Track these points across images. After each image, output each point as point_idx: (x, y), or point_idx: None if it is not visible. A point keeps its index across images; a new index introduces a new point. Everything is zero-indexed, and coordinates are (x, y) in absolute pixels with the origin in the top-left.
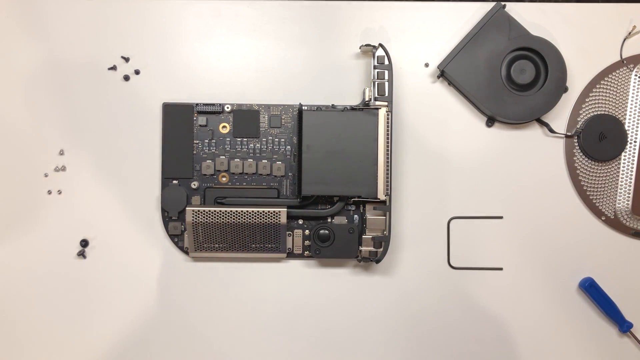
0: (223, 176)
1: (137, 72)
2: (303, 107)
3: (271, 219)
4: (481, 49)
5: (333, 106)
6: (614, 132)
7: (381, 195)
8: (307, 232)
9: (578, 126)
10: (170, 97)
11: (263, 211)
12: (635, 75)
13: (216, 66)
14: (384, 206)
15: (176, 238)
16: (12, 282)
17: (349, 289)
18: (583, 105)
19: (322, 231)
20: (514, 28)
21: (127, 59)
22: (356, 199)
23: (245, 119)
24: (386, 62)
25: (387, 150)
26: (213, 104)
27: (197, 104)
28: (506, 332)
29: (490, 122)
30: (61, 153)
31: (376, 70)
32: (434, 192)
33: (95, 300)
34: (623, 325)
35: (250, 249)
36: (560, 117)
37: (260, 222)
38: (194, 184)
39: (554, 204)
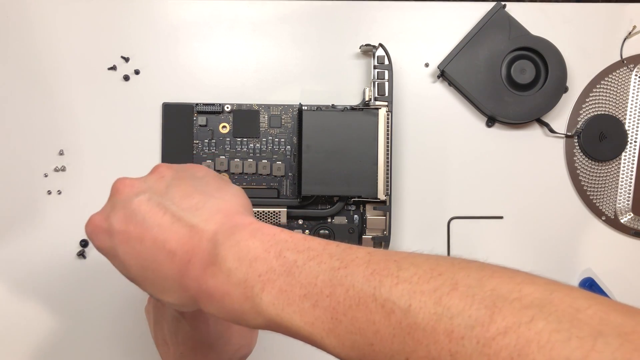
0: (223, 176)
1: (137, 72)
2: (303, 107)
3: (271, 219)
4: (481, 49)
5: (333, 106)
6: (614, 132)
7: (381, 195)
8: (307, 232)
9: (578, 126)
10: (170, 97)
11: (263, 211)
12: (635, 75)
13: (216, 66)
14: (384, 206)
15: None
16: (11, 282)
17: None
18: (583, 105)
19: (322, 231)
20: (514, 28)
21: (127, 59)
22: (356, 199)
23: (245, 119)
24: (386, 62)
25: (387, 150)
26: (213, 104)
27: (197, 104)
28: None
29: (490, 122)
30: (61, 153)
31: (376, 70)
32: (434, 192)
33: (95, 300)
34: None
35: None
36: (560, 117)
37: None
38: None
39: (554, 204)
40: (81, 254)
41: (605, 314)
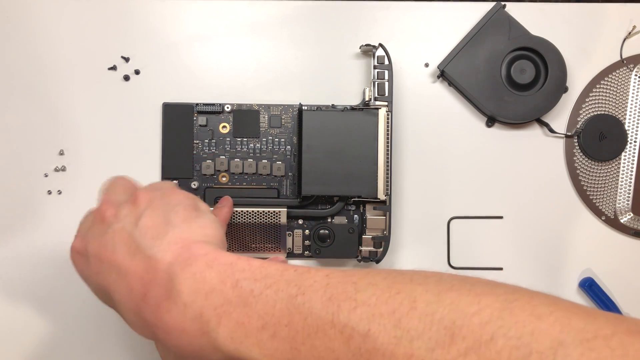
0: (223, 176)
1: (137, 72)
2: (303, 107)
3: (271, 219)
4: (481, 49)
5: (333, 106)
6: (614, 132)
7: (381, 195)
8: (307, 232)
9: (578, 126)
10: (170, 97)
11: (263, 211)
12: (635, 75)
13: (216, 66)
14: (384, 206)
15: None
16: (11, 282)
17: None
18: (583, 105)
19: (322, 231)
20: (514, 28)
21: (127, 59)
22: (356, 199)
23: (245, 119)
24: (386, 62)
25: (387, 150)
26: (213, 104)
27: (197, 104)
28: None
29: (490, 122)
30: (61, 153)
31: (376, 70)
32: (434, 192)
33: (95, 300)
34: None
35: (250, 249)
36: (560, 117)
37: (260, 222)
38: (194, 184)
39: (554, 204)
40: None
41: (567, 320)
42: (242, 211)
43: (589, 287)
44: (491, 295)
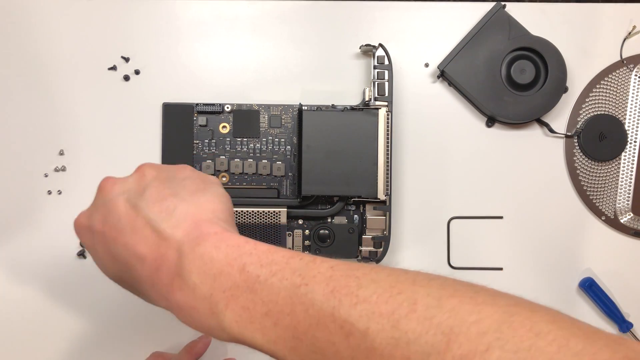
0: (223, 176)
1: (137, 72)
2: (303, 107)
3: (271, 219)
4: (481, 49)
5: (333, 106)
6: (614, 132)
7: (381, 195)
8: (307, 232)
9: (578, 126)
10: (170, 97)
11: (263, 211)
12: (635, 75)
13: (216, 66)
14: (384, 206)
15: None
16: (12, 282)
17: None
18: (583, 105)
19: (322, 231)
20: (514, 28)
21: (127, 59)
22: (356, 199)
23: (245, 119)
24: (386, 62)
25: (387, 150)
26: (213, 104)
27: (197, 104)
28: None
29: (490, 122)
30: (61, 153)
31: (376, 70)
32: (434, 192)
33: (95, 300)
34: (623, 326)
35: None
36: (560, 117)
37: (260, 222)
38: None
39: (554, 204)
40: (81, 254)
41: (565, 340)
42: (242, 211)
43: (589, 287)
44: (493, 306)
